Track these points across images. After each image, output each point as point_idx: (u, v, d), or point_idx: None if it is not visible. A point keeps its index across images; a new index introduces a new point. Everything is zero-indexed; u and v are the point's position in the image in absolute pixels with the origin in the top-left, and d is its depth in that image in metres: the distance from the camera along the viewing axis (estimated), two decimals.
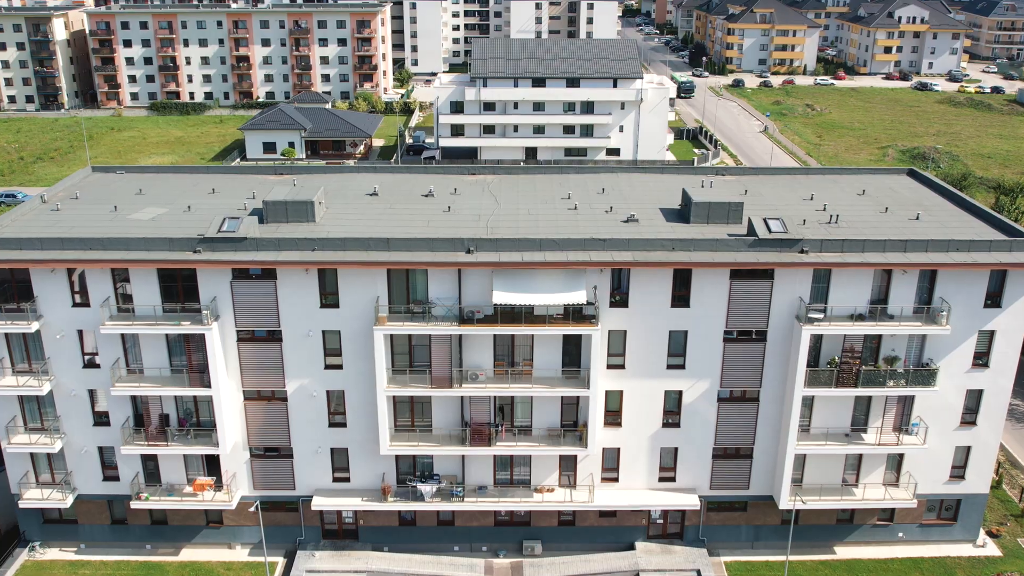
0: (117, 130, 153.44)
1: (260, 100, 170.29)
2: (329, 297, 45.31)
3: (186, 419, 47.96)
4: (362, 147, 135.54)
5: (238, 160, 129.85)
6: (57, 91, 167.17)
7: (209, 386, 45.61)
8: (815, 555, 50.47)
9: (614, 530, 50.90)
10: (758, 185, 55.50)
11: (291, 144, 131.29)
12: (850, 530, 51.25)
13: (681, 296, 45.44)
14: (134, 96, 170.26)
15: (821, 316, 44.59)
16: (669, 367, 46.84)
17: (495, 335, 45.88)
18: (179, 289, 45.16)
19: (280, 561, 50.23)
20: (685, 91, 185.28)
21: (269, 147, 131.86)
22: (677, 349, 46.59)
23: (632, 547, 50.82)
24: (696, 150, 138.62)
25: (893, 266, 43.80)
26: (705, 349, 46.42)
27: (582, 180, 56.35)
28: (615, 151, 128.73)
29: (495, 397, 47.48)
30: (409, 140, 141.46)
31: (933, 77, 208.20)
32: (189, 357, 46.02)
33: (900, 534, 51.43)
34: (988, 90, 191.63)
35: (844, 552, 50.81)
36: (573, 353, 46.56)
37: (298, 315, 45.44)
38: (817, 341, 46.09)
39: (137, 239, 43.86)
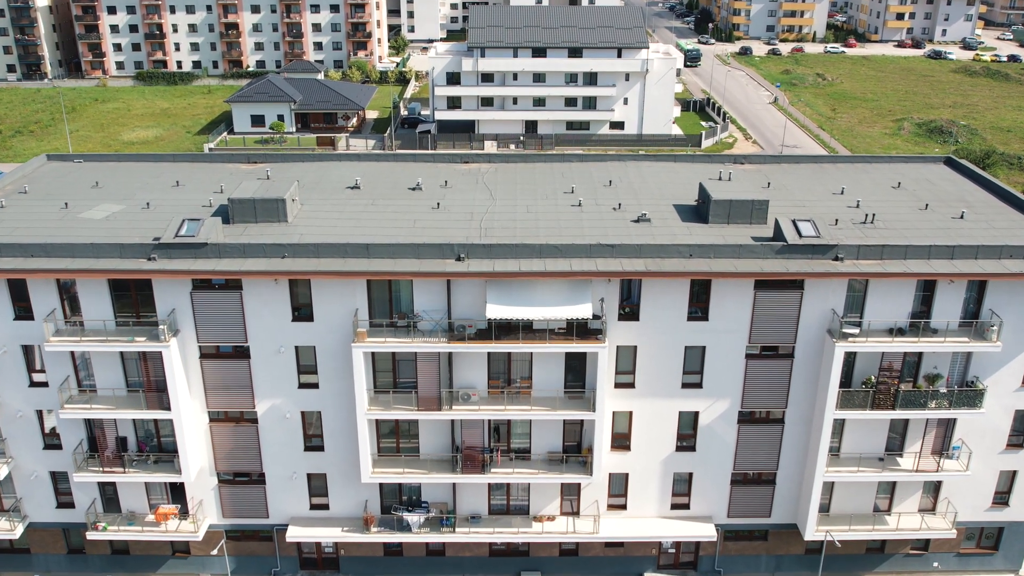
0: (101, 101, 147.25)
1: (250, 69, 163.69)
2: (302, 309, 40.13)
3: (146, 442, 43.00)
4: (355, 120, 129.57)
5: (225, 134, 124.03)
6: (39, 60, 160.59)
7: (169, 408, 40.58)
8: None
9: (621, 560, 46.16)
10: (781, 176, 50.04)
11: (280, 117, 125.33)
12: (881, 560, 46.51)
13: (699, 308, 40.26)
14: (119, 65, 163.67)
15: (856, 331, 39.42)
16: (684, 386, 41.77)
17: (489, 353, 40.78)
18: (134, 300, 39.98)
19: None
20: (691, 60, 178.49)
21: (257, 120, 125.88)
22: (693, 366, 41.49)
23: None
24: (704, 123, 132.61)
25: (939, 276, 38.55)
26: (725, 367, 41.33)
27: (586, 170, 50.88)
28: (619, 124, 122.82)
29: (489, 421, 42.50)
30: (404, 112, 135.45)
31: (947, 45, 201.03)
32: (147, 375, 40.95)
33: (936, 564, 46.70)
34: (1004, 59, 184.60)
35: None
36: (577, 370, 41.48)
37: (267, 329, 40.29)
38: (851, 358, 40.98)
39: (84, 245, 38.56)
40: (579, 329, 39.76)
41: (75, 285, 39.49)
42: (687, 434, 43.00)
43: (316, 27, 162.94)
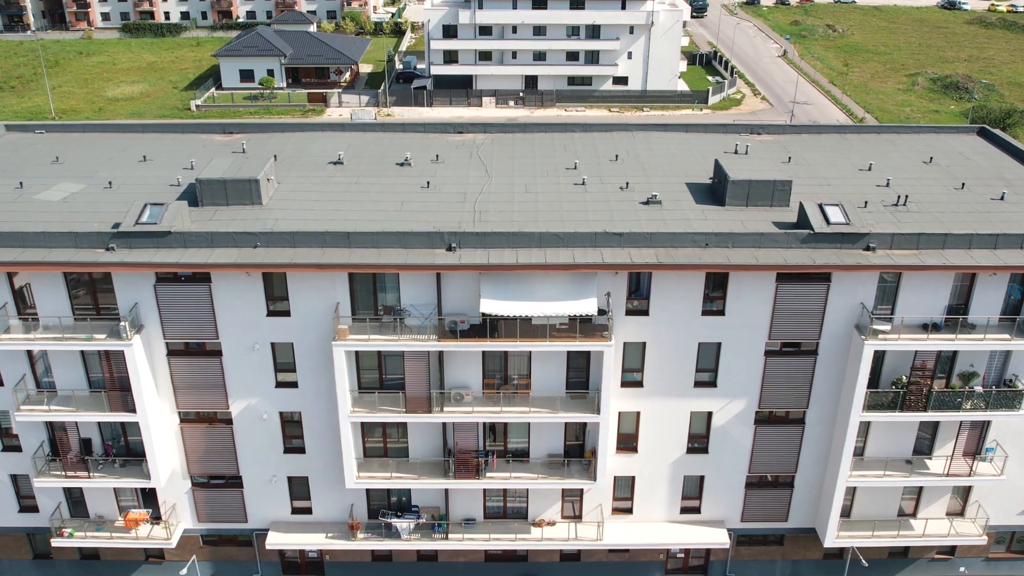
0: (85, 55, 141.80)
1: (240, 20, 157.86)
2: (277, 303, 36.41)
3: (112, 444, 39.60)
4: (347, 74, 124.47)
5: (213, 90, 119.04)
6: (22, 11, 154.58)
7: (134, 410, 37.08)
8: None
9: (627, 566, 43.08)
10: (802, 149, 45.92)
11: (270, 72, 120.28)
12: (904, 564, 43.43)
13: (715, 301, 36.53)
14: (105, 16, 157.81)
15: (888, 328, 35.75)
16: (697, 384, 38.22)
17: (484, 351, 37.16)
18: (93, 293, 36.26)
19: None
20: (697, 10, 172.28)
21: (247, 75, 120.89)
22: (707, 364, 37.89)
23: None
24: (710, 78, 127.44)
25: (982, 269, 34.76)
26: (742, 365, 37.73)
27: (590, 141, 46.74)
28: (623, 80, 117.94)
29: (484, 423, 39.07)
30: (399, 66, 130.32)
31: None
32: (110, 374, 37.37)
33: (962, 568, 43.63)
34: (1021, 8, 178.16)
35: None
36: (580, 367, 37.91)
37: (240, 325, 36.62)
38: (880, 356, 37.38)
39: (36, 234, 34.69)
40: (583, 325, 36.10)
41: (28, 276, 35.75)
42: (699, 435, 39.56)
43: None
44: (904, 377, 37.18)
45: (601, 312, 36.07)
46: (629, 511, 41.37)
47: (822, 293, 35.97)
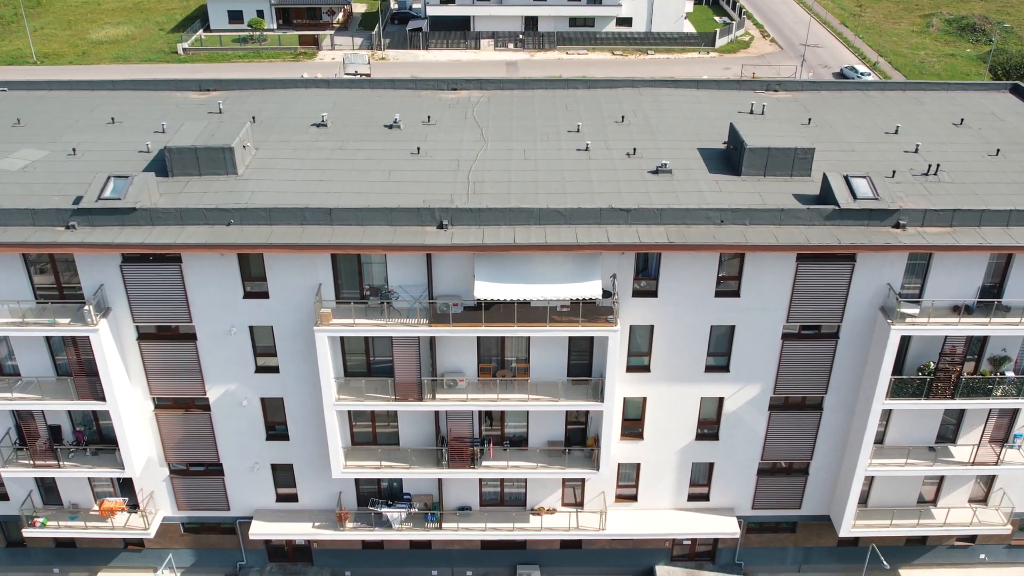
0: None
1: None
2: (254, 284, 33.52)
3: (84, 432, 37.09)
4: (340, 16, 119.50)
5: (200, 32, 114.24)
6: None
7: (103, 398, 34.46)
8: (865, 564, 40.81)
9: (630, 553, 40.94)
10: (822, 108, 42.50)
11: (259, 13, 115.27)
12: (922, 551, 41.31)
13: (729, 281, 33.63)
14: None
15: (916, 311, 32.90)
16: (708, 369, 35.52)
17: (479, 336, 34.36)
18: (55, 273, 33.35)
19: None
20: None
21: (235, 16, 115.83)
22: (720, 348, 35.15)
23: (652, 573, 40.98)
24: (717, 19, 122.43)
25: (1020, 250, 31.78)
26: (757, 349, 34.97)
27: (595, 100, 43.28)
28: (626, 21, 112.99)
29: (480, 411, 36.52)
30: (394, 6, 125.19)
31: None
32: (77, 360, 34.62)
33: (982, 556, 41.53)
34: None
35: None
36: (583, 351, 35.18)
37: (215, 307, 33.77)
38: (905, 340, 34.64)
39: None
40: (586, 308, 33.25)
41: None
42: (709, 421, 37.01)
43: None
44: (932, 363, 34.46)
45: (606, 294, 33.20)
46: (634, 498, 39.05)
47: (846, 273, 33.04)
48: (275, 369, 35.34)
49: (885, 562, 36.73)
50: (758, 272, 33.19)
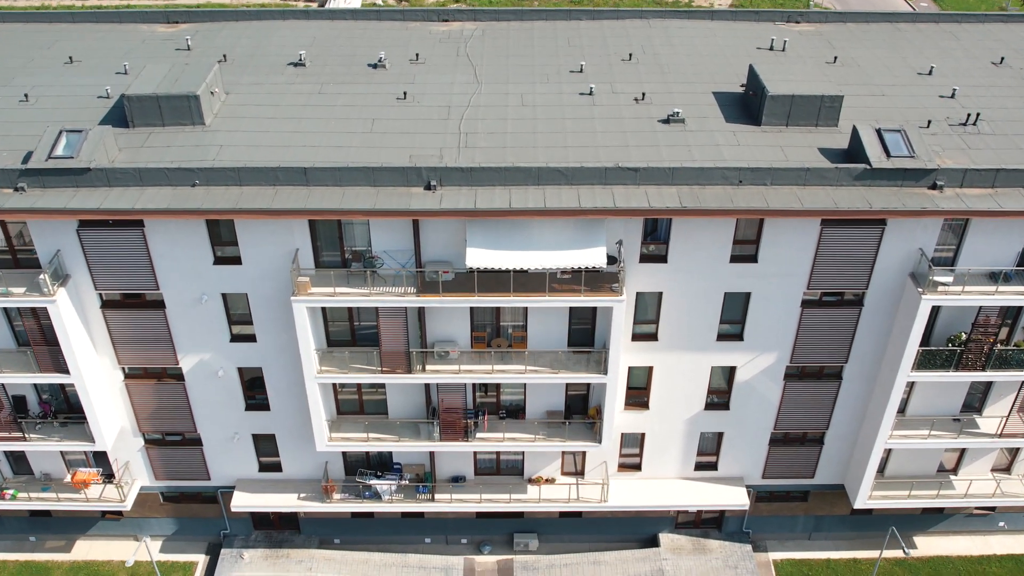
0: None
1: None
2: (225, 249, 30.51)
3: (50, 403, 34.60)
4: None
5: None
6: None
7: (67, 371, 31.83)
8: (891, 551, 38.84)
9: (632, 521, 38.97)
10: (848, 43, 38.68)
11: None
12: (938, 520, 39.36)
13: (745, 245, 30.60)
14: None
15: (950, 280, 29.98)
16: (721, 338, 32.79)
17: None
18: (7, 238, 30.32)
19: (200, 560, 38.68)
20: None
21: None
22: (733, 315, 32.34)
23: (655, 541, 39.10)
24: None
25: None
26: (774, 316, 32.16)
27: (599, 34, 39.41)
28: None
29: (473, 384, 33.99)
30: None
31: None
32: (38, 329, 31.85)
33: (1002, 524, 39.60)
34: None
35: (928, 546, 39.17)
36: (584, 319, 32.41)
37: (183, 274, 30.82)
38: (935, 309, 31.83)
39: None
40: (588, 276, 30.31)
41: None
42: (720, 390, 34.50)
43: None
44: (963, 334, 31.70)
45: (611, 260, 30.21)
46: (637, 467, 36.86)
47: (875, 238, 29.98)
48: (252, 338, 32.61)
49: (905, 548, 34.66)
50: (778, 236, 30.13)
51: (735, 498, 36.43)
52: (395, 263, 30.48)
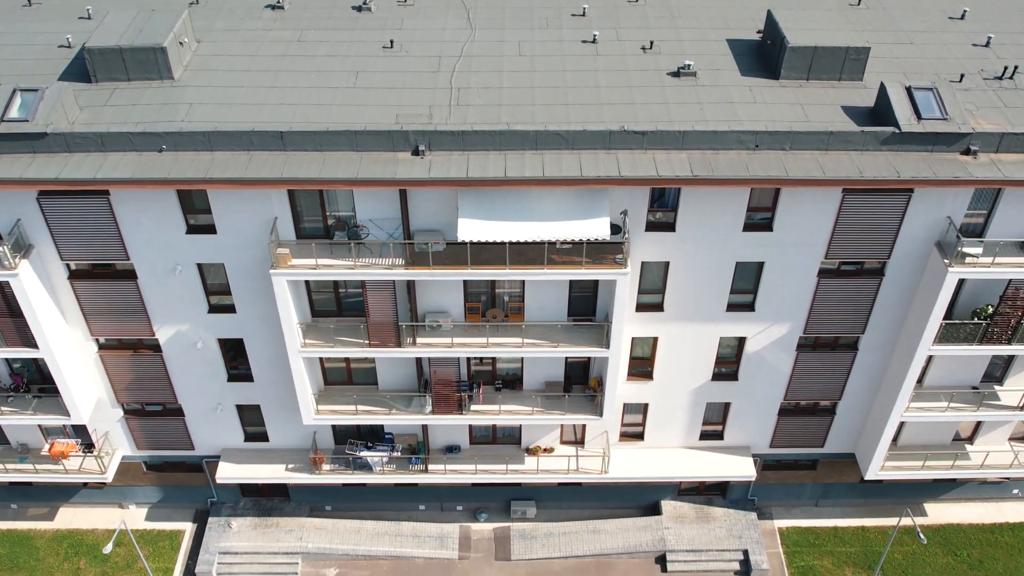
0: None
1: None
2: (198, 218, 28.24)
3: (21, 374, 32.80)
4: None
5: None
6: None
7: (35, 345, 29.91)
8: (899, 518, 37.53)
9: (633, 489, 37.57)
10: None
11: None
12: (949, 487, 37.98)
13: (760, 212, 28.32)
14: None
15: (979, 251, 27.78)
16: (731, 308, 30.76)
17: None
18: None
19: (187, 528, 37.47)
20: None
21: None
22: (745, 285, 30.23)
23: (657, 509, 37.81)
24: None
25: None
26: (788, 286, 30.06)
27: None
28: None
29: (468, 358, 32.14)
30: None
31: None
32: (3, 302, 29.83)
33: (1015, 491, 38.25)
34: None
35: (939, 513, 37.91)
36: (586, 288, 30.35)
37: (154, 243, 28.60)
38: (961, 282, 29.72)
39: None
40: (591, 247, 28.10)
41: None
42: (728, 361, 32.66)
43: None
44: (989, 307, 29.64)
45: (615, 230, 27.97)
46: (640, 437, 35.31)
47: (900, 206, 27.68)
48: (232, 309, 30.60)
49: (922, 536, 33.31)
50: (795, 203, 27.81)
51: (742, 469, 34.95)
52: (382, 233, 28.26)
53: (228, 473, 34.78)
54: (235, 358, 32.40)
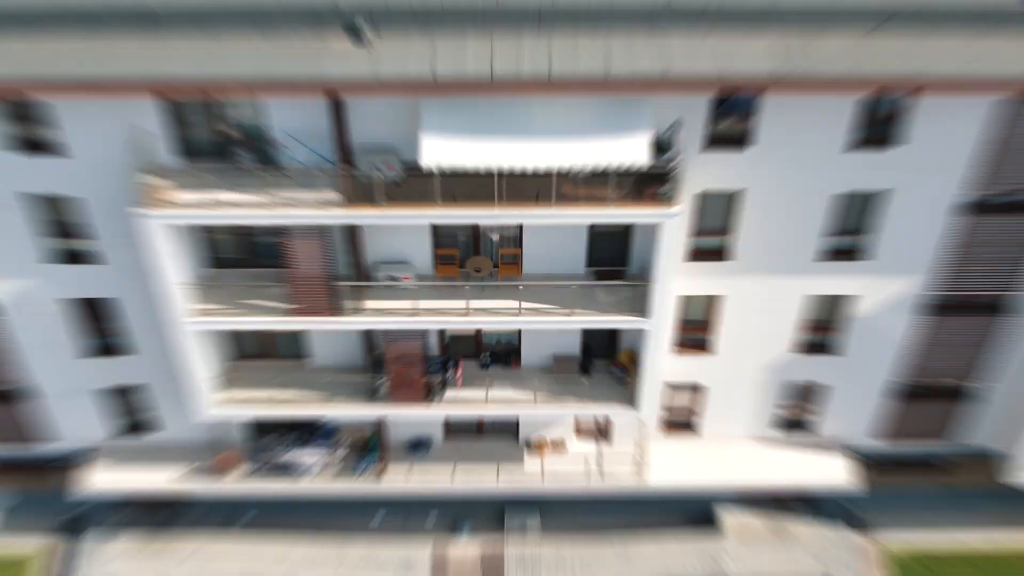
0: None
1: None
2: (37, 131, 25.65)
3: None
4: None
5: None
6: None
7: None
8: None
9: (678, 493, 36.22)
10: None
11: None
12: None
13: (875, 126, 25.65)
14: None
15: None
16: (824, 257, 28.48)
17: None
18: None
19: (39, 552, 36.17)
20: None
21: None
22: (848, 224, 27.88)
23: (710, 518, 36.46)
24: None
25: None
26: (910, 227, 27.77)
27: None
28: None
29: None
30: None
31: None
32: None
33: None
34: None
35: None
36: (611, 231, 28.04)
37: None
38: None
39: None
40: (623, 175, 25.53)
41: None
42: (820, 327, 30.63)
43: None
44: None
45: (659, 149, 25.29)
46: (688, 426, 33.71)
47: None
48: (93, 259, 28.41)
49: None
50: (927, 112, 25.17)
51: (837, 475, 33.40)
52: (307, 152, 25.72)
53: (103, 480, 33.25)
54: (108, 325, 30.47)
